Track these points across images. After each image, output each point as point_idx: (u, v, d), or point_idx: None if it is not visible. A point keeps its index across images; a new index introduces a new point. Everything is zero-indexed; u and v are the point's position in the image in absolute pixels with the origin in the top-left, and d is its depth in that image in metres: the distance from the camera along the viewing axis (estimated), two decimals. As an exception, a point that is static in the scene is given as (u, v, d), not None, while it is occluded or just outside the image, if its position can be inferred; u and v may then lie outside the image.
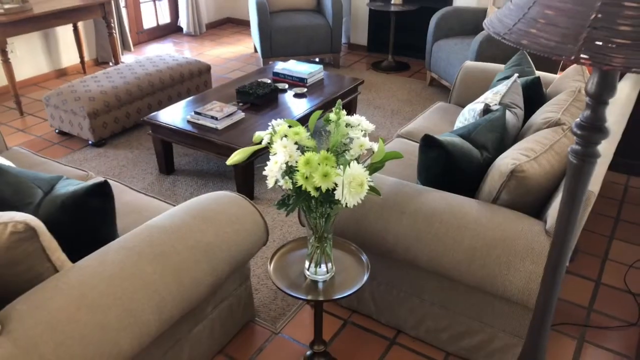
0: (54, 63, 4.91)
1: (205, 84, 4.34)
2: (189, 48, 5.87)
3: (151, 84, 3.87)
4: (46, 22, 4.15)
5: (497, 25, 1.00)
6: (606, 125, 1.07)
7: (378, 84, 4.79)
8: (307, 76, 3.67)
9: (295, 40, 4.93)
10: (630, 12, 0.83)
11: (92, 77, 3.82)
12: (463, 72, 3.21)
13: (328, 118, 1.53)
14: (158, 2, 6.22)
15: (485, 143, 2.08)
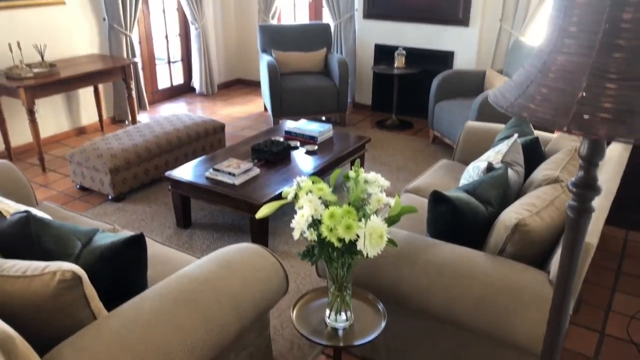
0: (75, 122, 5.16)
1: (220, 141, 4.55)
2: (202, 107, 6.14)
3: (169, 141, 4.07)
4: (71, 85, 4.41)
5: (500, 99, 1.18)
6: (598, 184, 1.23)
7: (383, 142, 5.00)
8: (317, 134, 3.88)
9: (304, 100, 5.19)
10: (611, 92, 1.00)
11: (113, 136, 4.03)
12: (465, 131, 3.41)
13: (347, 175, 1.69)
14: (173, 64, 6.56)
15: (490, 198, 2.23)
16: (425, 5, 5.24)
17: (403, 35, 5.47)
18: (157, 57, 6.34)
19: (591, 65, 1.03)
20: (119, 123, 5.53)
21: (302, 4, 6.53)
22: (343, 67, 5.20)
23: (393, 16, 5.47)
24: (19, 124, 4.64)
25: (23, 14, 4.52)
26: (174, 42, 6.65)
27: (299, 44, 5.60)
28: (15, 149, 4.65)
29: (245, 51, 6.94)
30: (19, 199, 2.72)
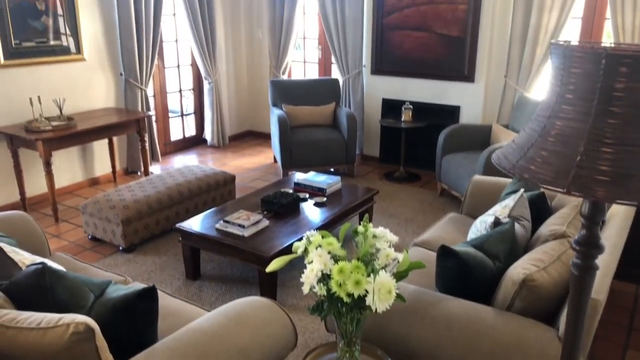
0: (88, 172, 5.27)
1: (230, 193, 4.62)
2: (213, 159, 6.26)
3: (180, 193, 4.15)
4: (87, 138, 4.55)
5: (503, 161, 1.23)
6: (601, 242, 1.26)
7: (391, 194, 5.06)
8: (326, 186, 3.95)
9: (313, 152, 5.29)
10: (607, 156, 1.05)
11: (126, 187, 4.12)
12: (472, 185, 3.46)
13: (356, 230, 1.73)
14: (185, 116, 6.74)
15: (497, 253, 2.25)
16: (431, 62, 5.41)
17: (410, 90, 5.62)
18: (171, 110, 6.52)
19: (588, 130, 1.09)
20: (132, 174, 5.64)
21: (312, 60, 6.75)
22: (351, 120, 5.33)
23: (400, 72, 5.64)
24: (34, 175, 4.75)
25: (46, 70, 4.72)
26: (188, 95, 6.86)
27: (308, 98, 5.76)
28: (30, 199, 4.75)
29: (257, 104, 7.13)
30: (34, 249, 2.77)
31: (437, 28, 5.29)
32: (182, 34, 6.34)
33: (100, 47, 5.18)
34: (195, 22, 5.97)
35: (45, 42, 4.69)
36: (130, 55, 5.30)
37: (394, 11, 5.49)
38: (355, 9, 5.74)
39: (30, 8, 4.54)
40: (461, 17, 5.13)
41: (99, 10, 5.10)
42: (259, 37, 6.85)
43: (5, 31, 4.38)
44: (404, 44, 5.54)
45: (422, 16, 5.33)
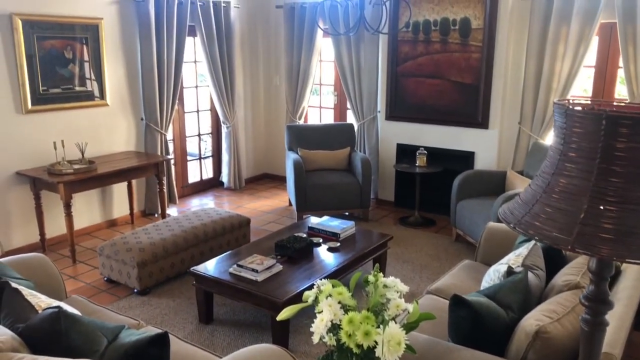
0: (107, 214, 5.37)
1: (245, 236, 4.66)
2: (229, 201, 6.34)
3: (196, 236, 4.20)
4: (107, 181, 4.66)
5: (509, 216, 1.25)
6: (610, 298, 1.26)
7: (406, 239, 5.04)
8: (340, 231, 3.96)
9: (328, 196, 5.33)
10: (611, 214, 1.07)
11: (143, 230, 4.18)
12: (487, 232, 3.45)
13: (367, 279, 1.74)
14: (203, 159, 6.87)
15: (510, 303, 2.23)
16: (445, 108, 5.49)
17: (424, 136, 5.68)
18: (189, 153, 6.66)
19: (591, 188, 1.11)
20: (149, 216, 5.72)
21: (327, 105, 6.89)
22: (366, 165, 5.38)
23: (414, 118, 5.72)
24: (54, 216, 4.85)
25: (71, 115, 4.89)
26: (206, 139, 7.01)
27: (324, 142, 5.85)
28: (49, 240, 4.83)
29: (273, 147, 7.25)
30: (51, 291, 2.81)
31: (451, 76, 5.39)
32: (202, 80, 6.54)
33: (123, 92, 5.36)
34: (215, 68, 6.16)
35: (71, 88, 4.88)
36: (151, 101, 5.48)
37: (408, 59, 5.62)
38: (371, 57, 5.89)
39: (59, 56, 4.74)
40: (475, 65, 5.22)
41: (123, 58, 5.30)
42: (276, 83, 7.02)
43: (34, 78, 4.57)
44: (418, 90, 5.64)
45: (436, 64, 5.45)
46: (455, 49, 5.31)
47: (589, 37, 4.66)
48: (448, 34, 5.31)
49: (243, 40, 6.73)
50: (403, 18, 5.51)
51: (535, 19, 4.89)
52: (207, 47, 6.03)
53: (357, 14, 4.38)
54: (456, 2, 5.20)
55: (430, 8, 5.35)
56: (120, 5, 5.19)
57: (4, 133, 4.45)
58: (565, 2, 4.70)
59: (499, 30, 5.05)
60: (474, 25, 5.15)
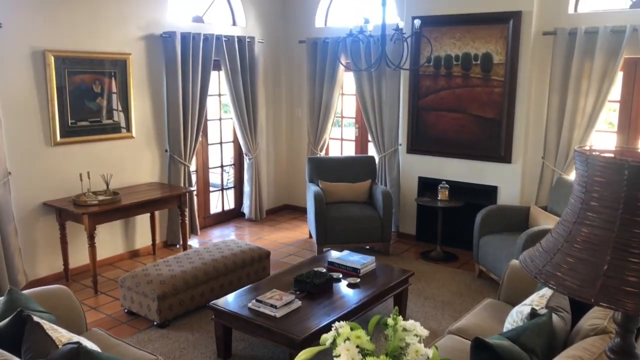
0: (129, 245, 5.43)
1: (264, 269, 4.65)
2: (250, 232, 6.36)
3: (216, 269, 4.21)
4: (131, 212, 4.74)
5: (529, 265, 1.23)
6: (637, 351, 1.22)
7: (427, 274, 4.97)
8: (360, 267, 3.93)
9: (348, 229, 5.31)
10: (635, 266, 1.04)
11: (164, 261, 4.21)
12: (510, 270, 3.38)
13: (386, 322, 1.72)
14: (225, 190, 6.93)
15: (534, 347, 2.17)
16: (467, 142, 5.47)
17: (446, 169, 5.65)
18: (212, 184, 6.73)
19: (614, 239, 1.09)
20: (171, 247, 5.76)
21: (349, 138, 6.92)
22: (387, 198, 5.36)
23: (436, 151, 5.70)
24: (78, 246, 4.92)
25: (97, 147, 5.01)
26: (228, 170, 7.09)
27: (345, 175, 5.86)
28: (72, 270, 4.89)
29: (294, 179, 7.28)
30: (71, 323, 2.83)
31: (473, 110, 5.38)
32: (226, 111, 6.65)
33: (148, 125, 5.48)
34: (238, 101, 6.27)
35: (98, 121, 5.01)
36: (175, 133, 5.58)
37: (429, 93, 5.64)
38: (392, 91, 5.93)
39: (88, 90, 4.89)
40: (497, 100, 5.21)
41: (149, 91, 5.44)
42: (298, 116, 7.10)
43: (64, 111, 4.71)
44: (439, 124, 5.64)
45: (458, 98, 5.45)
46: (477, 84, 5.32)
47: (614, 73, 4.62)
48: (470, 68, 5.33)
49: (266, 73, 6.85)
50: (424, 53, 5.56)
51: (558, 55, 4.88)
52: (231, 80, 6.16)
53: (379, 50, 4.43)
54: (477, 38, 5.23)
55: (451, 43, 5.39)
56: (148, 41, 5.35)
57: (33, 165, 4.57)
58: (588, 38, 4.69)
59: (521, 65, 5.05)
60: (496, 60, 5.16)
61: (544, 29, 4.95)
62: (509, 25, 5.01)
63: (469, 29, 5.26)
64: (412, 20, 5.23)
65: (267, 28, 6.75)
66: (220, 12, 6.44)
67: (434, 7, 5.39)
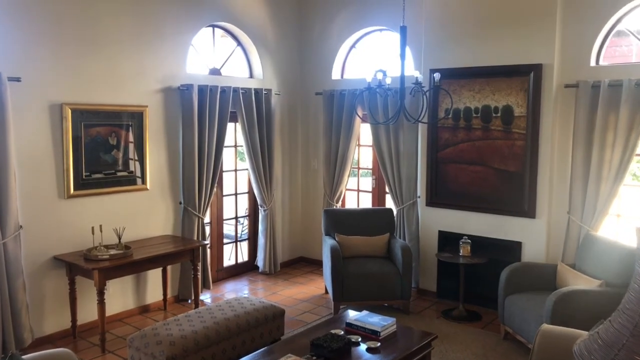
0: (140, 300, 5.27)
1: (279, 328, 4.44)
2: (264, 287, 6.17)
3: (228, 328, 4.01)
4: (142, 267, 4.61)
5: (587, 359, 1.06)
6: None
7: (450, 335, 4.72)
8: (380, 329, 3.71)
9: (366, 286, 5.11)
10: None
11: (174, 320, 4.03)
12: (541, 336, 3.15)
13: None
14: (239, 242, 6.79)
15: None
16: (488, 196, 5.30)
17: (467, 224, 5.46)
18: (226, 235, 6.61)
19: (694, 337, 0.92)
20: (182, 302, 5.59)
21: (366, 189, 6.80)
22: (406, 253, 5.17)
23: (456, 205, 5.54)
24: (87, 302, 4.78)
25: (111, 199, 4.94)
26: (242, 221, 6.97)
27: (362, 228, 5.69)
28: (81, 327, 4.73)
29: (310, 231, 7.12)
30: (73, 392, 2.66)
31: (494, 163, 5.24)
32: (242, 158, 6.60)
33: (163, 177, 5.42)
34: (254, 152, 6.22)
35: (113, 173, 4.96)
36: (190, 185, 5.51)
37: (448, 145, 5.54)
38: (410, 143, 5.84)
39: (103, 142, 4.87)
40: (519, 153, 5.08)
41: (165, 143, 5.41)
42: (314, 167, 7.02)
43: (79, 164, 4.68)
44: (459, 177, 5.50)
45: (478, 151, 5.33)
46: (498, 136, 5.20)
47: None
48: (490, 121, 5.23)
49: (282, 124, 6.83)
50: (443, 105, 5.49)
51: (581, 107, 4.76)
52: (247, 132, 6.13)
53: (397, 103, 4.36)
54: (497, 90, 5.15)
55: (470, 96, 5.32)
56: (165, 93, 5.37)
57: (46, 218, 4.50)
58: (612, 91, 4.58)
59: (543, 117, 4.94)
60: (517, 113, 5.06)
61: (565, 81, 4.87)
62: (529, 77, 4.93)
63: (489, 82, 5.19)
64: (430, 73, 5.20)
65: (284, 80, 6.78)
66: (237, 64, 6.49)
67: (452, 59, 5.36)
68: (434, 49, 5.51)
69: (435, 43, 5.50)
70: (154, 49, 5.22)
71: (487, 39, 5.16)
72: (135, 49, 5.05)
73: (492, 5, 5.14)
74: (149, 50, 5.18)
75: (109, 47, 4.84)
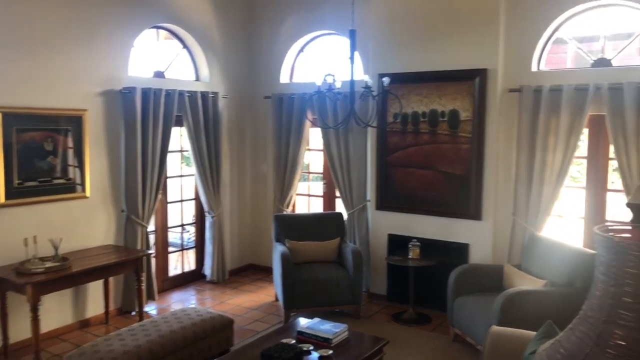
0: (79, 314, 4.99)
1: (227, 339, 4.30)
2: (211, 296, 5.99)
3: (174, 341, 3.84)
4: (81, 279, 4.36)
5: (551, 371, 1.03)
6: None
7: (401, 339, 4.71)
8: (332, 336, 3.64)
9: (317, 292, 5.04)
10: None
11: (117, 334, 3.82)
12: (491, 339, 3.17)
13: None
14: (185, 250, 6.58)
15: None
16: (436, 199, 5.36)
17: (416, 227, 5.50)
18: (171, 243, 6.38)
19: (658, 345, 0.90)
20: (126, 314, 5.34)
21: (316, 194, 6.75)
22: (357, 257, 5.14)
23: (405, 208, 5.57)
24: (21, 318, 4.45)
25: (47, 208, 4.66)
26: (189, 229, 6.76)
27: (312, 233, 5.63)
28: (13, 345, 4.42)
29: (259, 237, 6.99)
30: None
31: (441, 167, 5.31)
32: (187, 163, 6.40)
33: (104, 184, 5.17)
34: (201, 157, 6.04)
35: (49, 180, 4.68)
36: (133, 192, 5.28)
37: (397, 149, 5.56)
38: (359, 147, 5.83)
39: (38, 148, 4.59)
40: (465, 157, 5.16)
41: (106, 149, 5.16)
42: (263, 172, 6.90)
43: (10, 171, 4.38)
44: (408, 181, 5.53)
45: (426, 155, 5.38)
46: (445, 140, 5.27)
47: (579, 129, 4.65)
48: (437, 125, 5.29)
49: (230, 129, 6.68)
50: (392, 110, 5.51)
51: (524, 111, 4.89)
52: (194, 136, 5.95)
53: (347, 107, 4.34)
54: (444, 95, 5.22)
55: (418, 100, 5.36)
56: (107, 97, 5.12)
57: (-27, 229, 4.18)
58: (553, 96, 4.73)
59: (488, 121, 5.04)
60: (463, 117, 5.14)
61: (509, 86, 4.99)
62: (475, 82, 5.03)
63: (436, 86, 5.25)
64: (378, 77, 5.21)
65: (232, 83, 6.64)
66: (183, 67, 6.30)
67: (400, 64, 5.39)
68: (383, 54, 5.53)
69: (383, 48, 5.53)
70: (93, 50, 4.98)
71: (434, 45, 5.23)
72: (72, 50, 4.79)
73: (439, 11, 5.21)
74: (87, 52, 4.92)
75: (43, 48, 4.57)
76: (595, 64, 4.81)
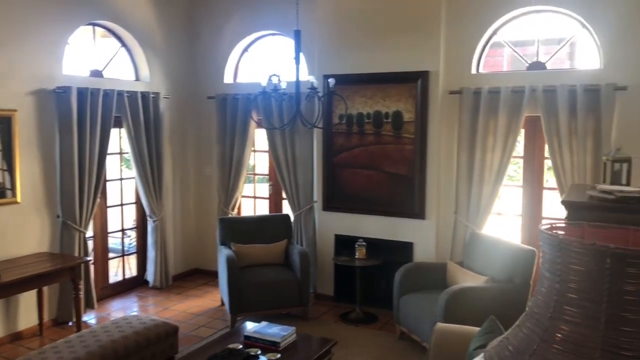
0: (10, 326, 4.70)
1: (172, 347, 4.16)
2: (155, 303, 5.80)
3: (115, 352, 3.68)
4: (12, 290, 4.11)
5: (500, 368, 1.04)
6: None
7: (349, 339, 4.73)
8: (280, 340, 3.61)
9: (264, 295, 4.98)
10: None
11: (52, 347, 3.62)
12: (436, 336, 3.23)
13: None
14: (126, 256, 6.34)
15: None
16: (381, 199, 5.42)
17: (362, 227, 5.54)
18: (111, 249, 6.14)
19: (601, 339, 0.92)
20: (62, 325, 5.08)
21: (262, 195, 6.68)
22: (304, 258, 5.13)
23: (351, 208, 5.60)
24: (-55, 332, 4.18)
25: (-29, 215, 4.36)
26: (129, 234, 6.53)
27: (259, 235, 5.56)
28: (-64, 363, 4.12)
29: (204, 241, 6.84)
30: None
31: (386, 167, 5.37)
32: (128, 166, 6.18)
33: (38, 188, 4.90)
34: (141, 160, 5.84)
35: (-24, 185, 4.39)
36: (69, 196, 5.03)
37: (343, 150, 5.59)
38: (306, 148, 5.82)
39: (-37, 151, 4.29)
40: (408, 157, 5.25)
41: (39, 152, 4.90)
42: (207, 174, 6.76)
43: None
44: (354, 181, 5.56)
45: (371, 156, 5.43)
46: (389, 141, 5.34)
47: (516, 130, 4.83)
48: (381, 126, 5.35)
49: (172, 130, 6.50)
50: (337, 111, 5.53)
51: (465, 113, 5.03)
52: (133, 138, 5.74)
53: (293, 108, 4.31)
54: (388, 96, 5.29)
55: (363, 102, 5.41)
56: (38, 96, 4.86)
57: None
58: (491, 97, 4.89)
59: (430, 123, 5.15)
60: (406, 118, 5.23)
61: (450, 88, 5.11)
62: (417, 84, 5.12)
63: (380, 88, 5.31)
64: (324, 78, 5.21)
65: (173, 83, 6.47)
66: (122, 66, 6.08)
67: (345, 66, 5.41)
68: (328, 55, 5.54)
69: (328, 49, 5.54)
70: (23, 47, 4.71)
71: (378, 47, 5.29)
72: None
73: (383, 14, 5.27)
74: (16, 49, 4.65)
75: (-33, 43, 4.29)
76: (530, 67, 5.01)
